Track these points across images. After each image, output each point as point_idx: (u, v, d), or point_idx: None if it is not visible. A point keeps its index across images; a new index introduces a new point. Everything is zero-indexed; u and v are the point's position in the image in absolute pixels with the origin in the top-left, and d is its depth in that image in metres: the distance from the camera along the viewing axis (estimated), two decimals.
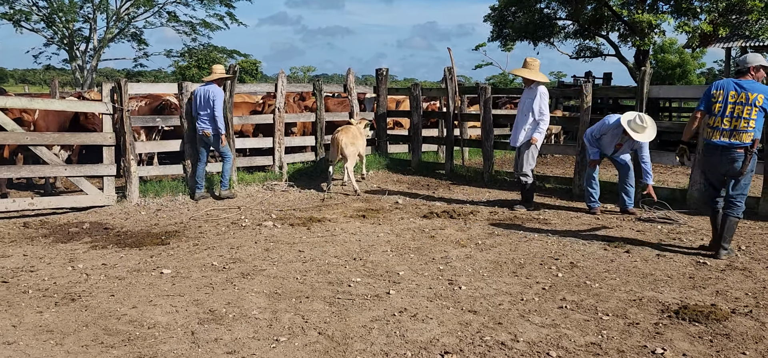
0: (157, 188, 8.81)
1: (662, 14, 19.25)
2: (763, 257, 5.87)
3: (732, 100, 5.63)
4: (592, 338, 4.01)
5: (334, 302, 4.65)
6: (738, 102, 5.60)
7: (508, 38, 24.36)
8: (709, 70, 43.42)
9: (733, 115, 5.62)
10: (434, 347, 3.89)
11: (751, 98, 5.55)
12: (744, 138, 5.58)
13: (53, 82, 14.14)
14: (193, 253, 6.03)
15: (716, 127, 5.71)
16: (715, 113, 5.71)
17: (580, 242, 6.40)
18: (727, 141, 5.65)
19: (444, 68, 10.89)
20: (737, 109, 5.60)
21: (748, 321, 4.29)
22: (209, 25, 33.91)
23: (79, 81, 31.25)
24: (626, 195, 7.83)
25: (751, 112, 5.55)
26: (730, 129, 5.63)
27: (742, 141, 5.59)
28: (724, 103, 5.66)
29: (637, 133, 7.26)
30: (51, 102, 8.57)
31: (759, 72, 5.71)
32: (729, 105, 5.64)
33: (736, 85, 5.66)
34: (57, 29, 30.95)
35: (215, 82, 8.70)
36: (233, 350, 3.86)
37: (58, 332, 4.14)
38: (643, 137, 7.27)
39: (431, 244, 6.34)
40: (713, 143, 5.73)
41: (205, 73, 35.06)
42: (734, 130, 5.61)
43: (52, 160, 7.94)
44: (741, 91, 5.61)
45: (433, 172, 11.04)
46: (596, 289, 4.95)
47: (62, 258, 5.88)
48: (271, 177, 9.93)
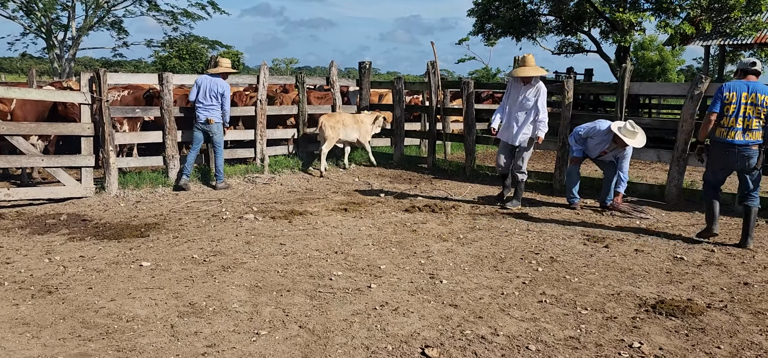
0: (136, 179, 8.71)
1: (643, 13, 19.44)
2: (739, 253, 5.97)
3: (744, 101, 5.95)
4: (571, 332, 4.06)
5: (315, 296, 4.64)
6: (750, 103, 5.93)
7: (491, 33, 24.45)
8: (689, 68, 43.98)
9: (745, 115, 5.94)
10: (415, 340, 3.90)
11: (760, 99, 5.90)
12: (758, 136, 5.96)
13: (31, 71, 13.89)
14: (173, 245, 5.97)
15: (731, 127, 6.02)
16: (729, 114, 6.00)
17: (560, 237, 6.46)
18: (742, 140, 5.97)
19: (427, 62, 10.91)
20: (749, 109, 5.94)
21: (723, 316, 4.36)
22: (191, 14, 33.55)
23: (57, 70, 30.76)
24: (608, 190, 7.90)
25: (761, 113, 5.91)
26: (743, 128, 5.96)
27: (757, 139, 5.96)
28: (737, 105, 5.97)
29: (629, 139, 7.32)
30: (28, 91, 8.41)
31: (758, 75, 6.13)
32: (742, 106, 5.95)
33: (747, 87, 5.99)
34: (35, 17, 30.41)
35: (221, 76, 8.80)
36: (213, 343, 3.83)
37: (34, 324, 4.09)
38: (635, 142, 7.34)
39: (413, 238, 6.36)
40: (728, 142, 6.04)
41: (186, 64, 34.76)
42: (748, 130, 5.95)
43: (29, 151, 7.81)
44: (752, 93, 5.94)
45: (415, 166, 11.06)
46: (575, 283, 5.01)
47: (39, 250, 5.80)
48: (253, 169, 9.87)
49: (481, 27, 24.67)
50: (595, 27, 23.19)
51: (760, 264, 5.62)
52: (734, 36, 18.66)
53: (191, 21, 34.09)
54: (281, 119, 10.96)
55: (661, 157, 8.69)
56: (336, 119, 10.26)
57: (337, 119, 10.28)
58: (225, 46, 38.18)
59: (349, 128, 10.36)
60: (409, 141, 12.16)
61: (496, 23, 23.69)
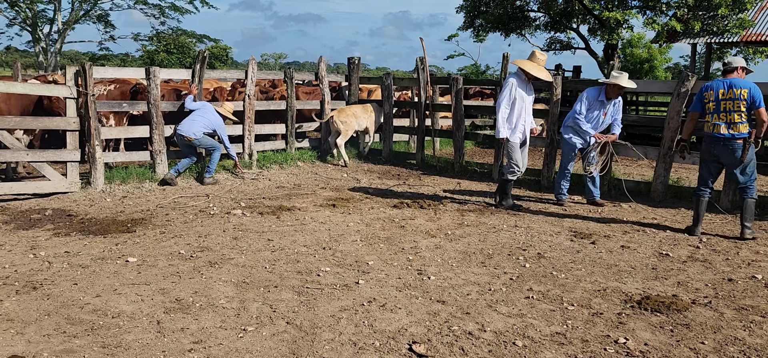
0: (123, 174, 8.65)
1: (630, 11, 19.53)
2: (723, 249, 6.04)
3: (722, 97, 6.20)
4: (558, 327, 4.08)
5: (302, 292, 4.63)
6: (727, 98, 6.17)
7: (480, 29, 24.46)
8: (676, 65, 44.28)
9: (725, 110, 6.18)
10: (402, 336, 3.90)
11: (736, 93, 6.12)
12: (741, 129, 6.15)
13: (15, 64, 13.73)
14: (159, 241, 5.94)
15: (715, 122, 6.26)
16: (711, 111, 6.30)
17: (548, 233, 6.49)
18: (727, 133, 6.19)
19: (416, 58, 10.90)
20: (727, 104, 6.17)
21: (707, 311, 4.41)
22: (179, 8, 33.23)
23: (42, 64, 30.40)
24: (595, 186, 7.95)
25: (740, 106, 6.12)
26: (727, 123, 6.17)
27: (740, 132, 6.15)
28: (715, 101, 6.25)
29: (620, 79, 7.46)
30: (13, 85, 8.30)
31: (743, 72, 6.33)
32: (721, 102, 6.20)
33: (724, 83, 6.24)
34: (20, 9, 30.02)
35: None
36: (200, 339, 3.82)
37: (19, 320, 4.05)
38: (624, 81, 7.45)
39: (401, 234, 6.36)
40: (715, 136, 6.30)
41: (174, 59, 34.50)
42: (731, 123, 6.16)
43: (14, 145, 7.72)
44: (729, 89, 6.17)
45: (404, 162, 11.06)
46: (562, 279, 5.03)
47: (24, 245, 5.74)
48: (241, 165, 9.83)
49: (470, 23, 24.68)
50: (584, 24, 23.28)
51: (744, 260, 5.68)
52: (721, 34, 18.79)
53: (179, 15, 33.79)
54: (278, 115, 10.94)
55: (648, 154, 8.74)
56: (346, 113, 10.86)
57: (346, 112, 10.87)
58: (213, 40, 37.89)
59: (361, 119, 11.08)
60: (397, 137, 12.17)
61: (485, 19, 23.71)
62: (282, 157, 10.47)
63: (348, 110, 10.99)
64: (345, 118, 10.75)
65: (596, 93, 7.62)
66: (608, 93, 7.56)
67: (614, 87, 7.51)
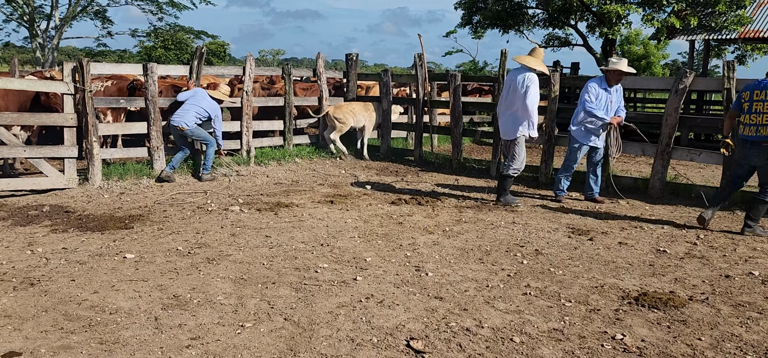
0: (120, 170, 8.64)
1: (630, 5, 19.53)
2: (720, 246, 6.05)
3: (756, 99, 6.19)
4: (555, 324, 4.09)
5: (300, 288, 4.64)
6: (758, 99, 6.17)
7: (479, 25, 24.46)
8: (674, 62, 44.34)
9: (756, 111, 6.18)
10: (400, 333, 3.91)
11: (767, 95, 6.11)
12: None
13: (13, 60, 13.71)
14: (157, 237, 5.93)
15: (745, 123, 6.31)
16: (744, 111, 6.33)
17: (545, 230, 6.50)
18: (754, 135, 6.20)
19: (414, 54, 10.90)
20: (758, 106, 6.17)
21: (704, 308, 4.42)
22: (176, 4, 33.19)
23: (39, 60, 30.33)
24: (594, 183, 7.97)
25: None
26: (755, 124, 6.18)
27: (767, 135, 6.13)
28: (749, 102, 6.26)
29: (619, 64, 7.60)
30: (10, 81, 8.28)
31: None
32: (754, 103, 6.20)
33: (760, 84, 6.24)
34: (17, 5, 29.93)
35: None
36: (197, 335, 3.82)
37: (16, 317, 4.04)
38: (624, 66, 7.61)
39: (399, 230, 6.36)
40: (743, 137, 6.35)
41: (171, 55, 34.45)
42: (760, 126, 6.14)
43: (11, 141, 7.71)
44: (762, 90, 6.16)
45: (402, 159, 11.06)
46: (560, 276, 5.04)
47: (21, 242, 5.73)
48: (239, 161, 9.82)
49: (469, 19, 24.68)
50: (582, 21, 23.28)
51: (741, 257, 5.70)
52: (719, 30, 18.80)
53: (176, 11, 33.77)
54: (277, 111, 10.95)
55: (646, 150, 8.75)
56: (343, 109, 10.80)
57: (343, 108, 10.81)
58: (211, 36, 37.84)
59: (359, 116, 10.99)
60: (396, 133, 12.16)
61: (483, 16, 23.70)
62: (280, 153, 10.46)
63: (345, 107, 10.97)
64: (341, 114, 10.73)
65: (598, 82, 7.70)
66: (609, 80, 7.65)
67: (615, 73, 7.61)
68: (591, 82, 7.74)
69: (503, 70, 9.64)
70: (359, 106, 11.11)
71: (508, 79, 7.63)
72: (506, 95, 7.55)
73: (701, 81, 11.12)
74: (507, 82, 7.62)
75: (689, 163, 11.12)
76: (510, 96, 7.46)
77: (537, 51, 7.62)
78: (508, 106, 7.52)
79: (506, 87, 7.60)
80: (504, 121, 7.58)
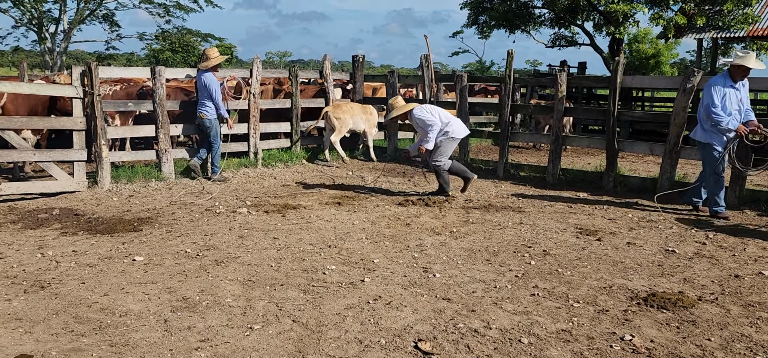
0: (129, 173, 8.69)
1: (636, 4, 19.46)
2: (729, 246, 6.02)
3: None
4: (563, 325, 4.08)
5: (308, 290, 4.65)
6: None
7: (485, 25, 24.44)
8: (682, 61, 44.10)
9: None
10: (408, 334, 3.91)
11: None
12: None
13: (22, 64, 13.81)
14: (166, 240, 5.96)
15: None
16: None
17: (553, 231, 6.49)
18: None
19: (421, 56, 10.90)
20: None
21: (713, 308, 4.40)
22: (183, 7, 33.27)
23: (48, 63, 30.51)
24: (702, 192, 7.29)
25: None
26: None
27: None
28: None
29: (746, 59, 6.69)
30: (20, 85, 8.34)
31: None
32: None
33: None
34: (25, 10, 30.13)
35: (211, 69, 8.79)
36: (206, 337, 3.84)
37: (27, 320, 4.08)
38: (752, 62, 6.67)
39: (406, 231, 6.37)
40: None
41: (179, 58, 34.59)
42: None
43: (21, 145, 7.77)
44: None
45: (409, 160, 11.05)
46: (568, 276, 5.03)
47: (31, 245, 5.77)
48: (246, 163, 9.85)
49: (475, 19, 24.67)
50: (589, 20, 23.22)
51: (751, 257, 5.67)
52: (727, 29, 18.70)
53: (184, 14, 33.86)
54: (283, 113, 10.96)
55: (654, 150, 8.72)
56: (342, 108, 10.42)
57: (342, 108, 10.43)
58: (218, 38, 37.92)
59: (357, 117, 10.65)
60: (402, 134, 12.16)
61: (489, 16, 23.69)
62: (287, 155, 10.49)
63: (344, 106, 10.62)
64: (340, 113, 10.37)
65: (723, 80, 6.80)
66: (734, 76, 6.77)
67: (739, 69, 6.73)
68: (713, 81, 6.84)
69: (510, 71, 9.63)
70: (358, 108, 10.82)
71: None
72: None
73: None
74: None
75: (698, 163, 11.06)
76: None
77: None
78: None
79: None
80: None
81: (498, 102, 11.50)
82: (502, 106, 9.77)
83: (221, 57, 8.88)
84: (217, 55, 8.88)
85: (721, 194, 7.01)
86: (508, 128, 9.77)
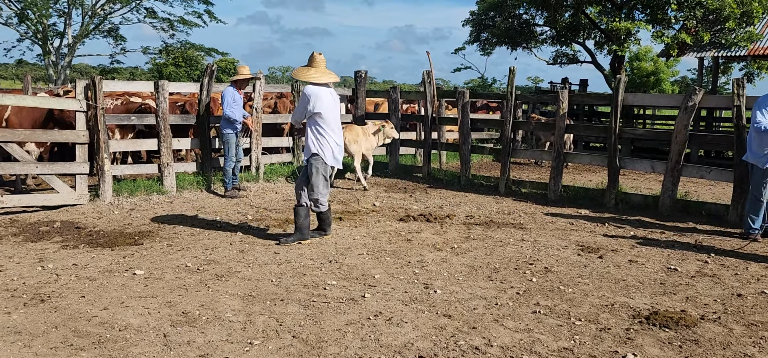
0: (131, 187, 8.69)
1: (639, 22, 19.55)
2: (732, 264, 5.99)
3: None
4: (565, 343, 4.06)
5: (308, 305, 4.63)
6: None
7: (487, 43, 24.55)
8: (683, 79, 44.18)
9: None
10: (409, 351, 3.89)
11: None
12: None
13: (26, 77, 13.85)
14: (166, 254, 5.95)
15: None
16: None
17: (555, 247, 6.47)
18: None
19: (423, 72, 10.94)
20: None
21: (716, 327, 4.37)
22: (187, 22, 33.50)
23: (52, 77, 30.68)
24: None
25: None
26: None
27: None
28: None
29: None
30: (23, 98, 8.37)
31: None
32: None
33: None
34: (30, 24, 30.33)
35: (234, 83, 8.90)
36: (206, 353, 3.82)
37: (26, 333, 4.06)
38: None
39: (407, 247, 6.35)
40: None
41: (182, 72, 34.77)
42: None
43: (24, 158, 7.79)
44: None
45: (410, 175, 11.07)
46: (569, 294, 5.01)
47: (32, 258, 5.77)
48: (248, 178, 9.86)
49: (477, 36, 24.79)
50: (590, 38, 23.32)
51: (754, 275, 5.64)
52: (729, 47, 18.75)
53: (188, 28, 34.08)
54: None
55: (655, 167, 8.72)
56: (355, 132, 9.79)
57: (355, 131, 9.81)
58: (221, 53, 38.14)
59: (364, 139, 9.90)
60: (404, 150, 12.18)
61: (491, 33, 23.81)
62: (288, 169, 10.50)
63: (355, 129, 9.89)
64: (355, 137, 9.66)
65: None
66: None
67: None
68: (763, 99, 6.72)
69: (511, 87, 9.65)
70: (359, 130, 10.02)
71: (324, 94, 6.19)
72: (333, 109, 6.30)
73: (711, 98, 11.09)
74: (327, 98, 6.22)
75: (699, 181, 11.06)
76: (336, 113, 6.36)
77: (319, 60, 6.36)
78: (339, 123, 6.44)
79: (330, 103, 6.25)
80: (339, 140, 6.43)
81: (500, 118, 11.52)
82: (504, 123, 9.79)
83: (243, 74, 8.99)
84: (242, 71, 9.05)
85: (757, 216, 6.96)
86: (510, 145, 9.78)
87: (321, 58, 6.32)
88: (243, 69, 9.05)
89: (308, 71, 6.24)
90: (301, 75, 6.25)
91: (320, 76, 6.23)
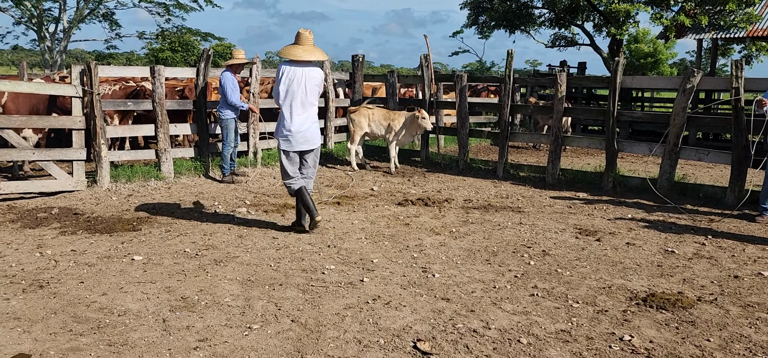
0: (128, 173, 8.68)
1: (638, 4, 19.47)
2: (729, 246, 6.01)
3: None
4: (562, 325, 4.08)
5: (307, 290, 4.64)
6: None
7: (485, 26, 24.47)
8: (681, 61, 44.13)
9: None
10: (407, 334, 3.91)
11: None
12: None
13: (21, 63, 13.80)
14: (165, 239, 5.96)
15: None
16: None
17: (553, 231, 6.48)
18: None
19: (420, 56, 10.90)
20: None
21: (712, 309, 4.39)
22: (183, 6, 33.30)
23: (48, 62, 30.52)
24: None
25: None
26: None
27: None
28: None
29: None
30: (19, 84, 8.33)
31: None
32: None
33: None
34: (25, 9, 30.12)
35: (230, 68, 8.80)
36: (205, 337, 3.83)
37: (25, 319, 4.07)
38: None
39: (406, 231, 6.36)
40: None
41: (178, 57, 34.61)
42: None
43: (21, 144, 7.76)
44: None
45: (408, 160, 11.06)
46: (567, 277, 5.03)
47: (30, 244, 5.77)
48: (245, 163, 9.85)
49: (475, 19, 24.70)
50: (589, 20, 23.25)
51: (750, 257, 5.66)
52: (728, 29, 18.70)
53: (184, 13, 33.91)
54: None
55: (653, 150, 8.71)
56: (360, 113, 9.98)
57: (363, 112, 10.00)
58: (217, 38, 37.94)
59: (376, 123, 9.99)
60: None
61: (489, 16, 23.73)
62: None
63: (363, 110, 10.12)
64: (358, 116, 9.94)
65: None
66: None
67: None
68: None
69: (509, 71, 9.63)
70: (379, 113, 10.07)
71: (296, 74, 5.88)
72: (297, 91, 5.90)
73: (709, 80, 11.08)
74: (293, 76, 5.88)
75: (697, 163, 11.07)
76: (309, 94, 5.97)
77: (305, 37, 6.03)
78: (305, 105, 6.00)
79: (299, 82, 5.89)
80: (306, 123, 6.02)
81: (497, 102, 11.50)
82: (502, 107, 9.77)
83: (238, 58, 8.91)
84: (238, 56, 8.98)
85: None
86: (508, 128, 9.77)
87: (306, 34, 5.98)
88: (238, 53, 9.01)
89: (293, 49, 5.93)
90: (285, 52, 5.97)
91: (303, 54, 5.87)
